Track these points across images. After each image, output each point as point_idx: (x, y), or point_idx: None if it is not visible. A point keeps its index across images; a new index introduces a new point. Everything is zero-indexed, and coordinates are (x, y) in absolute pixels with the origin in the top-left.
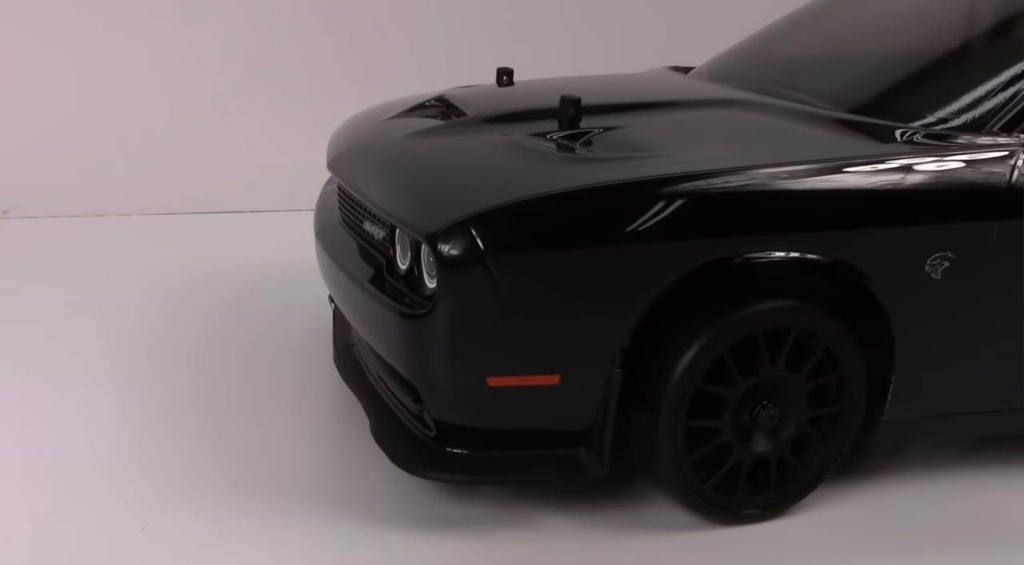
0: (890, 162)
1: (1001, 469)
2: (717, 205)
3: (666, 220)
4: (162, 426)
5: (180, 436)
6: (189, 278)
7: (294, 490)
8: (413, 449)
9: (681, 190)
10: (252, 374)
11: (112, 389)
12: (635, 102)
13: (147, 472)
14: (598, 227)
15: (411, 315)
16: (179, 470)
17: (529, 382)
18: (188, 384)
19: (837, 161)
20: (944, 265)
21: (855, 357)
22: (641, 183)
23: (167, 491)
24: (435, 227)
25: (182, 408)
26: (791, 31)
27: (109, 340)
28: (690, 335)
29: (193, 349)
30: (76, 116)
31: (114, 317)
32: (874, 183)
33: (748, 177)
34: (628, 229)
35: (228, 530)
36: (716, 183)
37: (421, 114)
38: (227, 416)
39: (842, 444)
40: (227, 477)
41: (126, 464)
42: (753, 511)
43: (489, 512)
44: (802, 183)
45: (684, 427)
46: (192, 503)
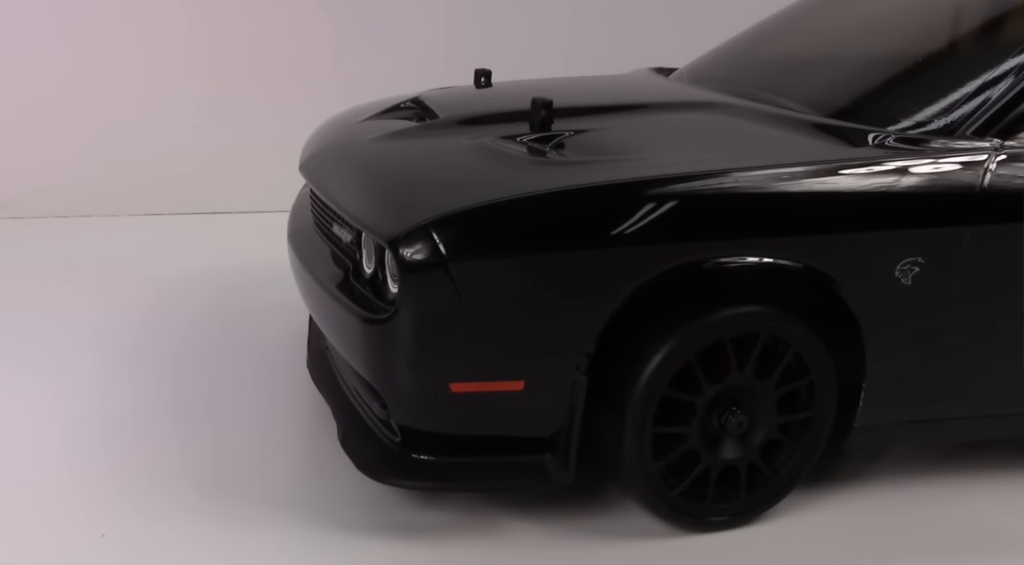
0: (858, 166)
1: (978, 475)
2: (683, 210)
3: (631, 225)
4: (132, 430)
5: (148, 440)
6: (175, 279)
7: (259, 496)
8: (379, 455)
9: (646, 194)
10: (229, 377)
11: (87, 392)
12: (609, 104)
13: (111, 477)
14: (562, 231)
15: (373, 320)
16: (144, 475)
17: (493, 388)
18: (164, 387)
19: (805, 165)
20: (914, 270)
21: (825, 363)
22: (605, 187)
23: (130, 497)
24: (397, 231)
25: (154, 412)
26: (775, 32)
27: (89, 342)
28: (656, 340)
29: (173, 351)
30: (62, 117)
31: (97, 319)
32: (842, 187)
33: (714, 181)
34: (592, 233)
35: (189, 537)
36: (682, 187)
37: (396, 116)
38: (199, 420)
39: (813, 451)
40: (192, 482)
41: (91, 469)
42: (722, 518)
43: (457, 518)
44: (770, 187)
45: (651, 433)
46: (154, 509)
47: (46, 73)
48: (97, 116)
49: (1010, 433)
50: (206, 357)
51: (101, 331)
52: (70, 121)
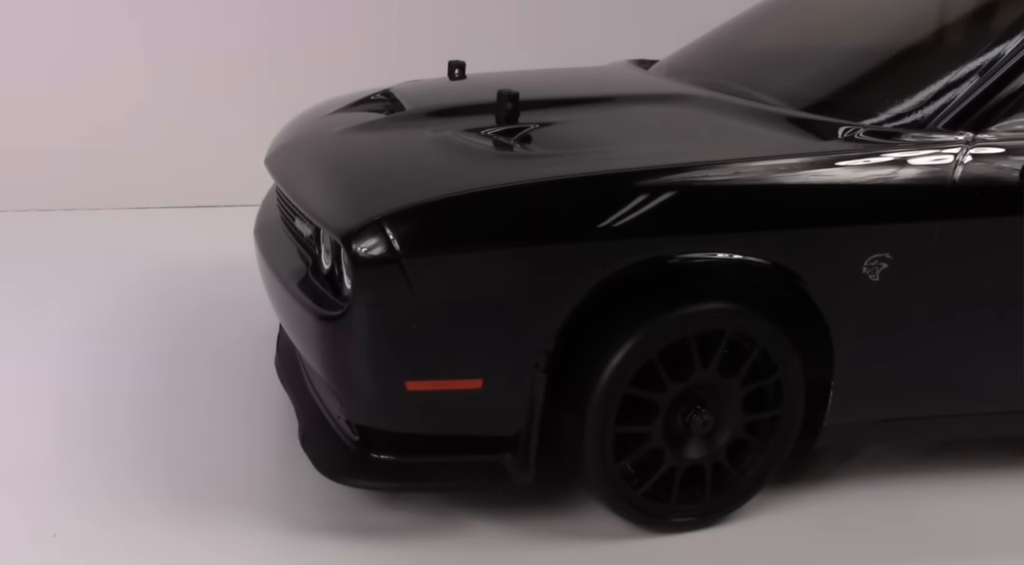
0: (825, 160)
1: (953, 475)
2: (643, 205)
3: (590, 220)
4: (91, 427)
5: (107, 438)
6: (154, 273)
7: (219, 497)
8: (337, 455)
9: (603, 189)
10: (197, 374)
11: (48, 387)
12: (578, 97)
13: (66, 476)
14: (519, 226)
15: (327, 317)
16: (100, 474)
17: (450, 386)
18: (128, 384)
19: (770, 159)
20: (882, 266)
21: (792, 361)
22: (562, 182)
23: (85, 496)
24: (349, 226)
25: (116, 409)
26: (755, 25)
27: (56, 337)
28: (618, 338)
29: (142, 347)
30: (46, 111)
31: (68, 313)
32: (807, 182)
33: (676, 176)
34: (550, 228)
35: (145, 538)
36: (642, 182)
37: (364, 109)
38: (161, 418)
39: (781, 450)
40: (150, 482)
41: (45, 467)
42: (686, 519)
43: (419, 519)
44: (733, 182)
45: (612, 433)
46: (109, 509)
47: (25, 69)
48: (81, 110)
49: (986, 432)
50: (175, 353)
51: (70, 326)
52: (54, 115)
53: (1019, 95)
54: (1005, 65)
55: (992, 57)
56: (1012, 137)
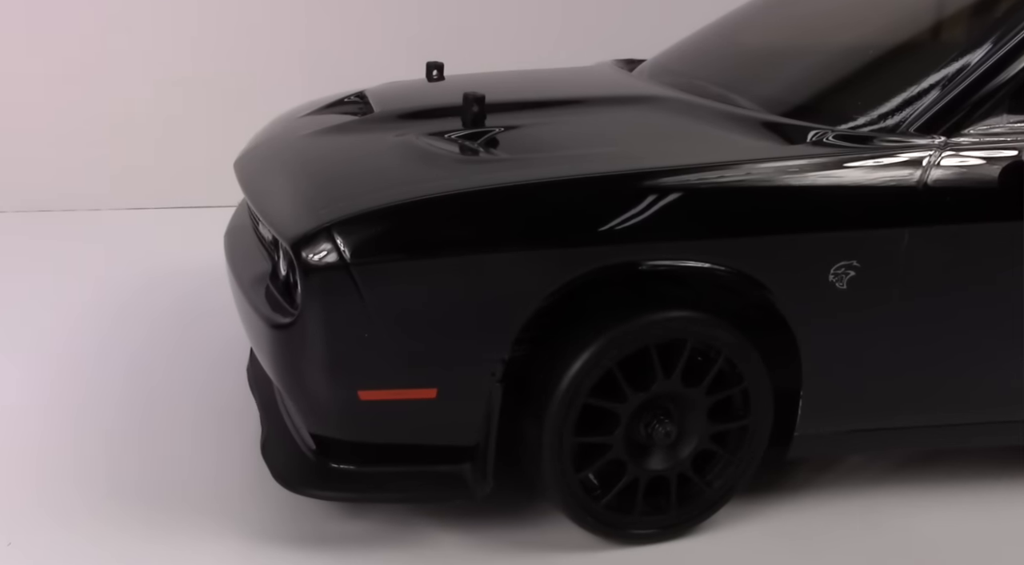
0: (788, 165)
1: (932, 486)
2: (600, 211)
3: (544, 227)
4: (56, 432)
5: (70, 443)
6: (147, 275)
7: (181, 504)
8: (296, 465)
9: (558, 195)
10: (173, 381)
11: (24, 390)
12: (550, 99)
13: (24, 482)
14: (471, 233)
15: (279, 324)
16: (60, 481)
17: (404, 396)
18: (103, 388)
19: (732, 163)
20: (850, 274)
21: (759, 370)
22: (513, 188)
23: (42, 503)
24: (299, 232)
25: (87, 414)
26: (740, 25)
27: (37, 339)
28: (576, 347)
29: (123, 351)
30: (45, 111)
31: (53, 315)
32: (770, 187)
33: (634, 181)
34: (502, 235)
35: (103, 546)
36: (597, 188)
37: (337, 111)
38: (131, 424)
39: (749, 461)
40: (112, 489)
41: (2, 472)
42: (650, 531)
43: (382, 529)
44: (694, 187)
45: (571, 443)
46: (67, 516)
47: (14, 69)
48: (81, 111)
49: (962, 443)
50: (155, 359)
51: (54, 328)
52: (53, 115)
53: (993, 98)
54: (979, 68)
55: (965, 60)
56: (986, 141)
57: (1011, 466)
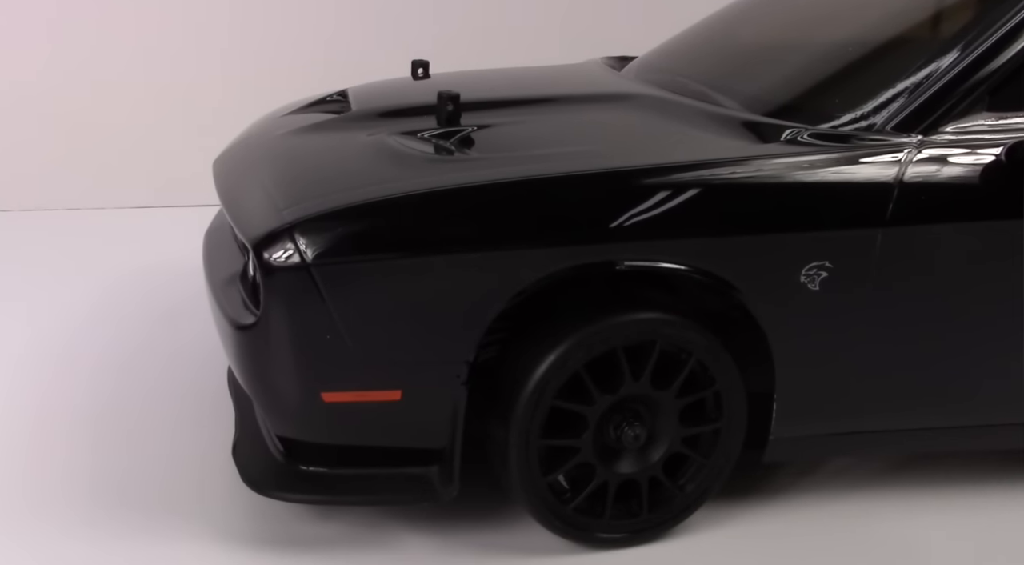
0: (759, 164)
1: (915, 490)
2: (566, 211)
3: (508, 227)
4: (34, 432)
5: (48, 444)
6: (130, 275)
7: (153, 504)
8: (265, 467)
9: (524, 195)
10: (152, 381)
11: (4, 390)
12: (528, 97)
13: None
14: (432, 234)
15: (243, 325)
16: (32, 482)
17: (368, 398)
18: (81, 389)
19: (703, 163)
20: (822, 275)
21: (731, 372)
22: (476, 188)
23: (16, 503)
24: (260, 232)
25: (66, 414)
26: (730, 22)
27: (13, 340)
28: (542, 348)
29: (111, 351)
30: (28, 111)
31: (46, 317)
32: (741, 186)
33: (602, 180)
34: (464, 236)
35: (74, 544)
36: (563, 187)
37: (318, 109)
38: (109, 425)
39: (723, 465)
40: (85, 488)
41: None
42: (619, 535)
43: (352, 531)
44: (663, 187)
45: (537, 446)
46: (40, 516)
47: (23, 65)
48: (63, 109)
49: (943, 446)
50: (137, 359)
51: (39, 328)
52: (37, 115)
53: (971, 96)
54: (956, 66)
55: (943, 58)
56: (964, 139)
57: (995, 470)
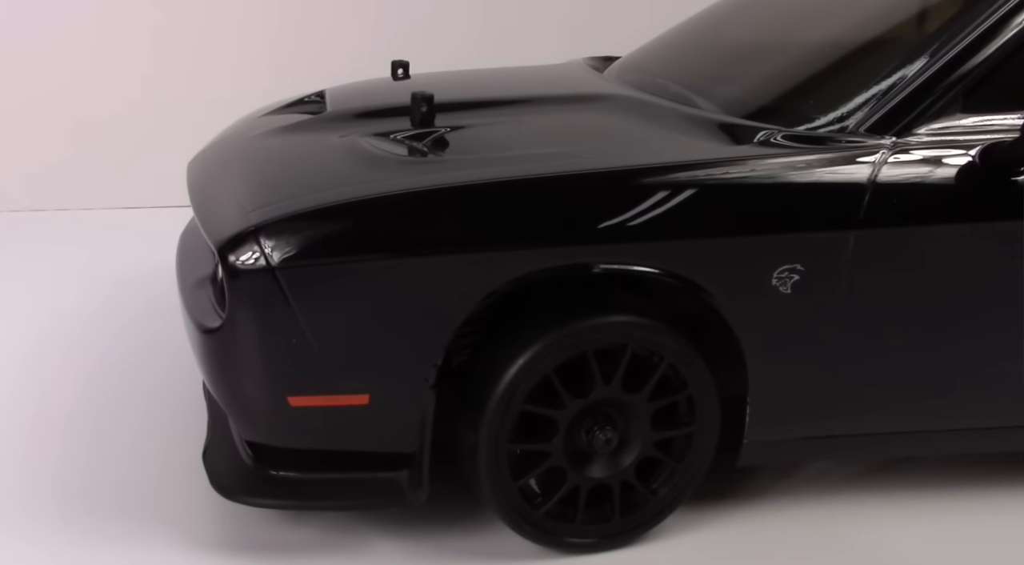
0: (731, 167)
1: (894, 494)
2: (534, 213)
3: (473, 229)
4: (3, 435)
5: (18, 447)
6: (116, 276)
7: (115, 510)
8: (234, 472)
9: (490, 197)
10: (130, 384)
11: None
12: (506, 98)
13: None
14: (398, 236)
15: (208, 329)
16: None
17: (335, 402)
18: (59, 391)
19: (674, 165)
20: (794, 278)
21: (703, 376)
22: (443, 190)
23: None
24: (225, 235)
25: (38, 417)
26: (713, 23)
27: (5, 341)
28: (511, 353)
29: (88, 352)
30: (16, 111)
31: (23, 317)
32: (711, 188)
33: (569, 183)
34: (430, 239)
35: (39, 549)
36: (532, 189)
37: (295, 110)
38: (82, 428)
39: (696, 469)
40: (53, 492)
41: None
42: (589, 540)
43: (323, 536)
44: (633, 189)
45: (507, 450)
46: (4, 519)
47: (16, 64)
48: (51, 109)
49: (919, 451)
50: (115, 361)
51: (17, 329)
52: (25, 115)
53: (944, 98)
54: (930, 68)
55: (917, 60)
56: (938, 141)
57: (973, 475)
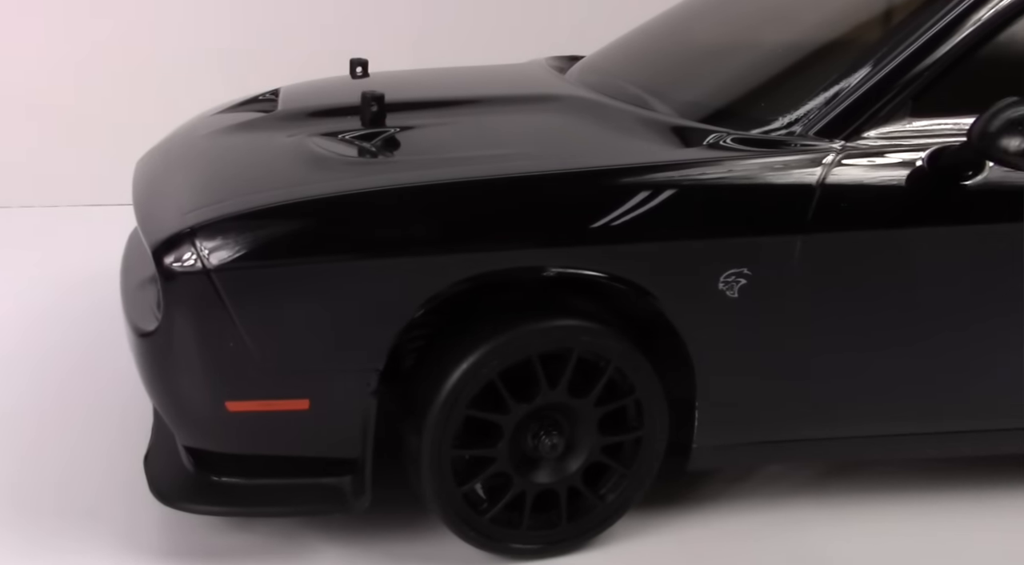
0: (677, 169)
1: (846, 499)
2: (476, 216)
3: (417, 233)
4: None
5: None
6: (64, 276)
7: (54, 515)
8: (175, 477)
9: (430, 199)
10: (79, 384)
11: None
12: (459, 98)
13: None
14: (339, 239)
15: (144, 332)
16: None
17: (274, 407)
18: (9, 390)
19: (620, 168)
20: (740, 282)
21: (651, 380)
22: (389, 192)
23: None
24: (160, 237)
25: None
26: (674, 24)
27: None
28: (454, 358)
29: (34, 353)
30: None
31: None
32: (656, 192)
33: (512, 186)
34: (371, 242)
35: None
36: (473, 192)
37: (248, 109)
38: (22, 431)
39: (645, 474)
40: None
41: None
42: (534, 546)
43: (267, 542)
44: (578, 192)
45: (451, 455)
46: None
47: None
48: (22, 104)
49: (873, 455)
50: (61, 363)
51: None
52: None
53: (893, 102)
54: (879, 72)
55: (866, 64)
56: (887, 146)
57: (922, 478)
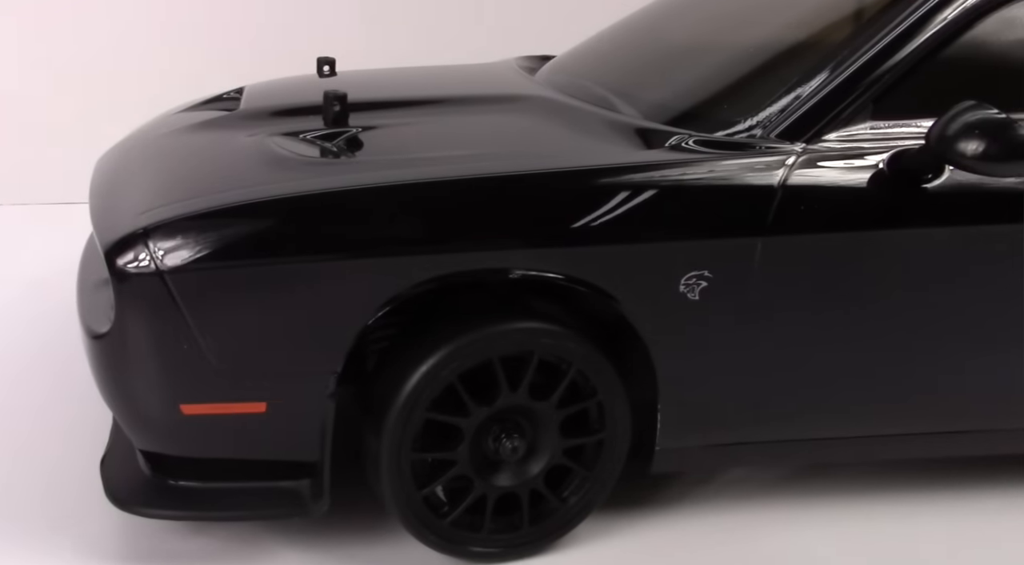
0: (638, 172)
1: (816, 502)
2: (435, 218)
3: (374, 233)
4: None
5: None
6: (30, 275)
7: (8, 518)
8: (131, 481)
9: (390, 200)
10: (34, 385)
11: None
12: (423, 98)
13: None
14: (296, 239)
15: (97, 334)
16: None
17: (230, 410)
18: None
19: (581, 170)
20: (701, 285)
21: (613, 383)
22: (346, 192)
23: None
24: (113, 238)
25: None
26: (643, 25)
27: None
28: (414, 360)
29: None
30: None
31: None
32: (615, 193)
33: (474, 187)
34: (325, 243)
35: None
36: (431, 193)
37: (211, 108)
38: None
39: (608, 477)
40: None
41: None
42: (495, 549)
43: (223, 546)
44: (539, 194)
45: (410, 458)
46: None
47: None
48: None
49: (834, 457)
50: (17, 364)
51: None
52: None
53: (855, 105)
54: (840, 75)
55: (827, 67)
56: (848, 149)
57: (887, 481)
